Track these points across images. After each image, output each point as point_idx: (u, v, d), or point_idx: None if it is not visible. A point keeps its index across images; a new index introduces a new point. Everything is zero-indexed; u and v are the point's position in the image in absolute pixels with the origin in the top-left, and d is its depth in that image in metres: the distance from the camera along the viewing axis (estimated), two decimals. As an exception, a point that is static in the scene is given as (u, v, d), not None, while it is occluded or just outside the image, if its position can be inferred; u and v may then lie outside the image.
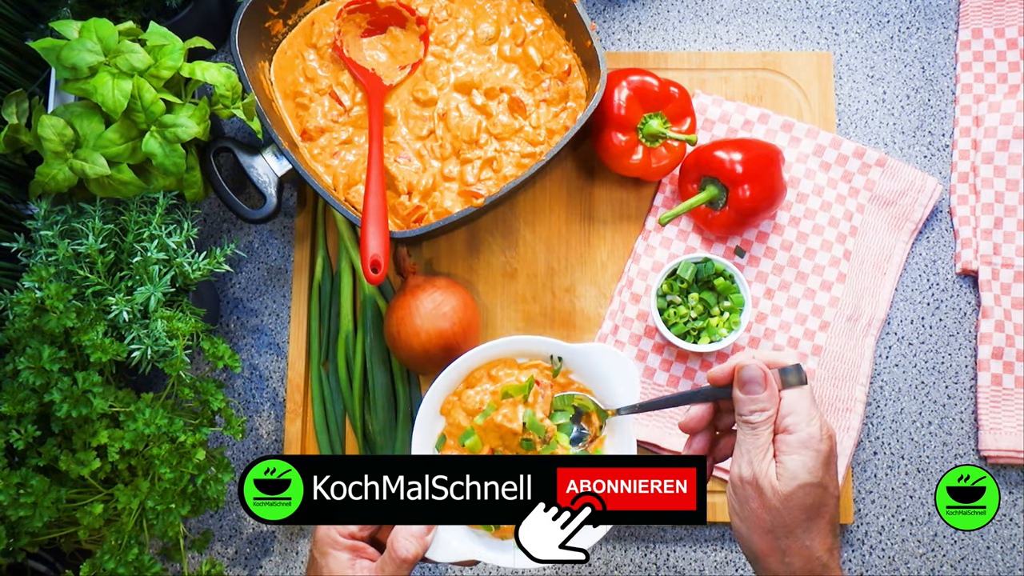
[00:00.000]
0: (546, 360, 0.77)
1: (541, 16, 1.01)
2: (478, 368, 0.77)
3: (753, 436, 0.64)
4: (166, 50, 0.85)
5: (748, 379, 0.65)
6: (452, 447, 0.75)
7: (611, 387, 0.76)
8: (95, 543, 0.87)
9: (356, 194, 0.96)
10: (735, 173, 0.93)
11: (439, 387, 0.76)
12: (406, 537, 0.69)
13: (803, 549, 0.63)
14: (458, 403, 0.76)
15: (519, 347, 0.77)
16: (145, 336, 0.85)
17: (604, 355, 0.77)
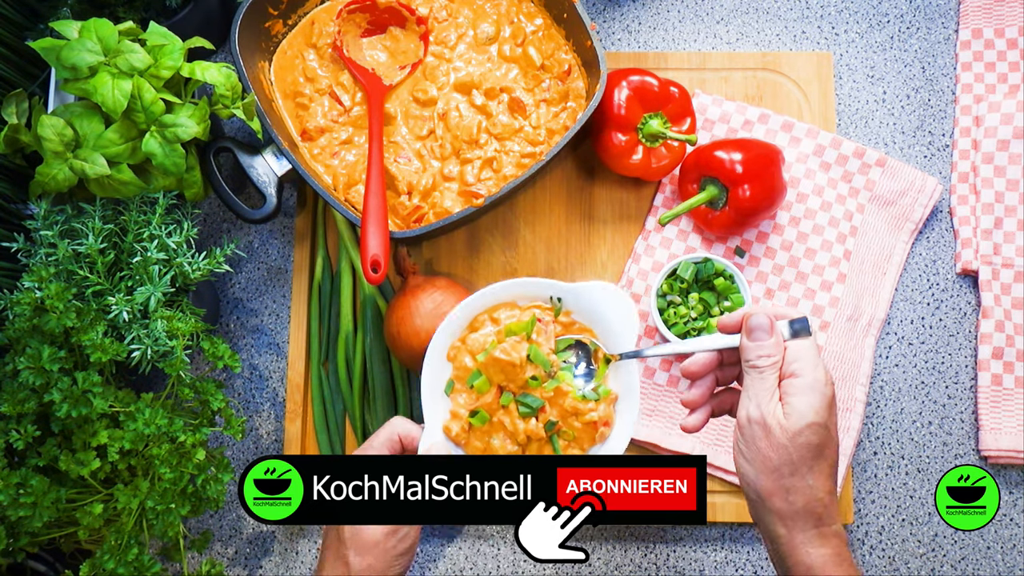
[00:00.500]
0: (547, 302, 0.78)
1: (541, 16, 1.01)
2: (480, 313, 0.78)
3: (760, 379, 0.67)
4: (166, 50, 0.85)
5: (755, 327, 0.68)
6: (460, 390, 0.76)
7: (611, 327, 0.77)
8: (95, 543, 0.87)
9: (356, 194, 0.96)
10: (735, 173, 0.93)
11: (443, 334, 0.77)
12: None
13: (807, 488, 0.65)
14: (463, 347, 0.77)
15: (519, 289, 0.78)
16: (145, 336, 0.85)
17: (604, 294, 0.78)
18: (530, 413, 0.74)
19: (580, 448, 0.76)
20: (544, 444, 0.75)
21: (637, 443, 0.98)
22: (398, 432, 0.73)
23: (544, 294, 0.78)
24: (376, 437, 0.73)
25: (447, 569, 0.98)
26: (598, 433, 0.75)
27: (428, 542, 0.99)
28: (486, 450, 0.75)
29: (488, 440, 0.75)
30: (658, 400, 0.98)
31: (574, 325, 0.78)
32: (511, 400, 0.74)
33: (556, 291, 0.78)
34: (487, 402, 0.75)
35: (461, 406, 0.76)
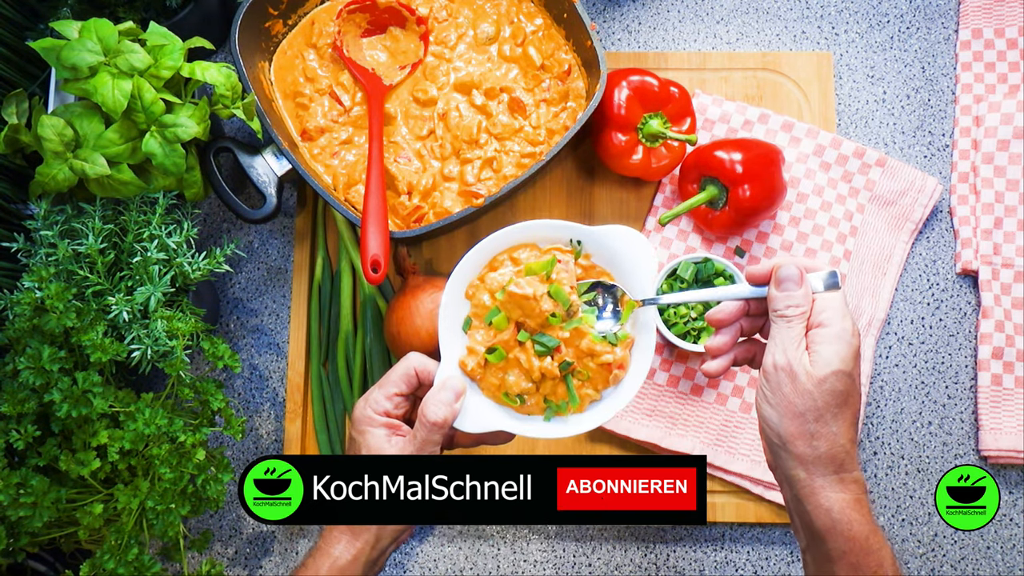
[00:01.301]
0: (566, 245, 0.78)
1: (541, 16, 1.01)
2: (500, 253, 0.78)
3: (787, 328, 0.68)
4: (166, 50, 0.85)
5: (785, 277, 0.69)
6: (478, 327, 0.77)
7: (631, 271, 0.77)
8: (95, 543, 0.87)
9: (356, 194, 0.96)
10: (735, 173, 0.93)
11: (461, 271, 0.77)
12: (435, 403, 0.72)
13: (830, 435, 0.67)
14: (481, 285, 0.77)
15: (538, 231, 0.78)
16: (145, 336, 0.85)
17: (623, 237, 0.78)
18: (545, 352, 0.75)
19: (594, 388, 0.76)
20: (558, 383, 0.76)
21: (637, 443, 0.98)
22: (414, 366, 0.75)
23: (564, 236, 0.78)
24: (393, 371, 0.75)
25: (447, 569, 0.98)
26: (612, 375, 0.76)
27: (428, 542, 0.99)
28: (501, 386, 0.76)
29: (503, 376, 0.76)
30: (658, 400, 0.98)
31: (594, 268, 0.79)
32: (528, 338, 0.75)
33: (576, 233, 0.78)
34: (504, 339, 0.75)
35: (479, 343, 0.77)
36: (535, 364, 0.75)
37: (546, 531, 0.99)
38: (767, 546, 0.98)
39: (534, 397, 0.76)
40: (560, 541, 0.99)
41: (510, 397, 0.76)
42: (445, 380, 0.74)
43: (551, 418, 0.77)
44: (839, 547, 0.66)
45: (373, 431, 0.73)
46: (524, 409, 0.77)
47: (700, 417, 0.98)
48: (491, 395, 0.77)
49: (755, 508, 0.97)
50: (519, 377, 0.76)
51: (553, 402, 0.76)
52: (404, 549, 0.99)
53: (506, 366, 0.76)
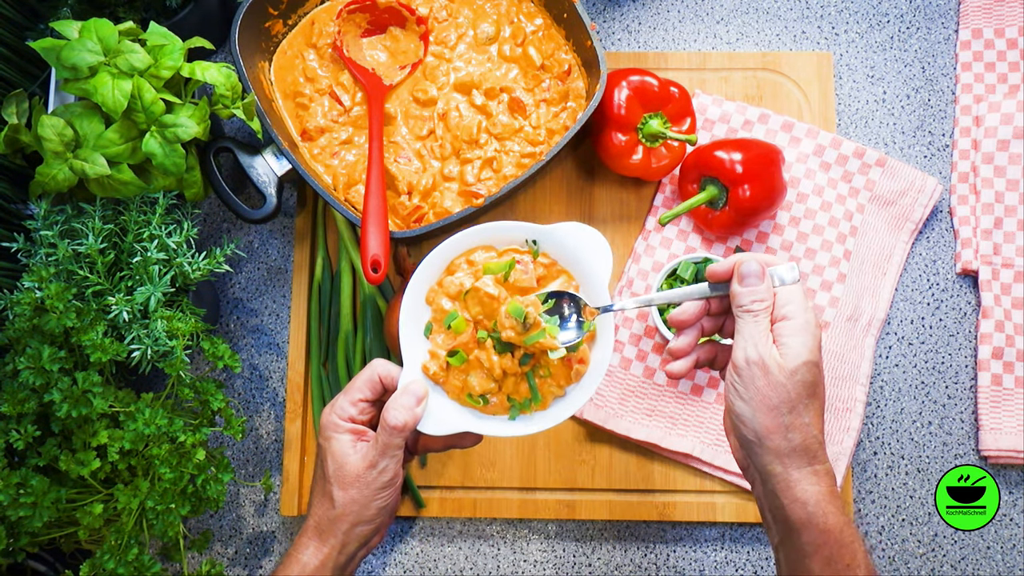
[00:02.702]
0: (523, 245, 0.78)
1: (541, 16, 1.01)
2: (457, 257, 0.78)
3: (754, 323, 0.69)
4: (166, 50, 0.85)
5: (747, 273, 0.70)
6: (438, 331, 0.77)
7: (589, 266, 0.77)
8: (95, 543, 0.87)
9: (356, 194, 0.96)
10: (735, 173, 0.93)
11: (420, 277, 0.77)
12: (396, 408, 0.72)
13: (804, 426, 0.68)
14: (439, 290, 0.77)
15: (494, 233, 0.78)
16: (145, 336, 0.85)
17: (578, 233, 0.78)
18: (504, 349, 0.75)
19: (557, 384, 0.77)
20: (520, 380, 0.76)
21: (637, 443, 0.98)
22: (379, 372, 0.75)
23: (519, 237, 0.78)
24: (358, 378, 0.75)
25: (447, 569, 0.98)
26: (573, 371, 0.76)
27: (428, 542, 0.99)
28: (464, 388, 0.76)
29: (465, 378, 0.76)
30: (658, 400, 0.98)
31: (554, 266, 0.78)
32: (487, 336, 0.75)
33: (531, 233, 0.78)
34: (463, 341, 0.75)
35: (439, 346, 0.76)
36: (495, 362, 0.75)
37: (546, 531, 0.99)
38: (767, 546, 0.98)
39: (497, 396, 0.76)
40: (560, 541, 0.99)
41: (474, 398, 0.76)
42: (407, 385, 0.74)
43: (516, 416, 0.77)
44: (814, 540, 0.67)
45: (338, 437, 0.73)
46: (488, 409, 0.77)
47: (700, 417, 0.98)
48: (455, 397, 0.77)
49: (755, 508, 0.97)
50: (481, 377, 0.76)
51: (517, 400, 0.76)
52: (404, 549, 0.99)
53: (468, 367, 0.76)
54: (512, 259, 0.77)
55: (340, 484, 0.72)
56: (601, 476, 0.98)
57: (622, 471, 0.98)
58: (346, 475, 0.72)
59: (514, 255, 0.77)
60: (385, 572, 0.98)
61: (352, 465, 0.72)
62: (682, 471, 0.98)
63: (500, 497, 0.98)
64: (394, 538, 0.99)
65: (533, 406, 0.76)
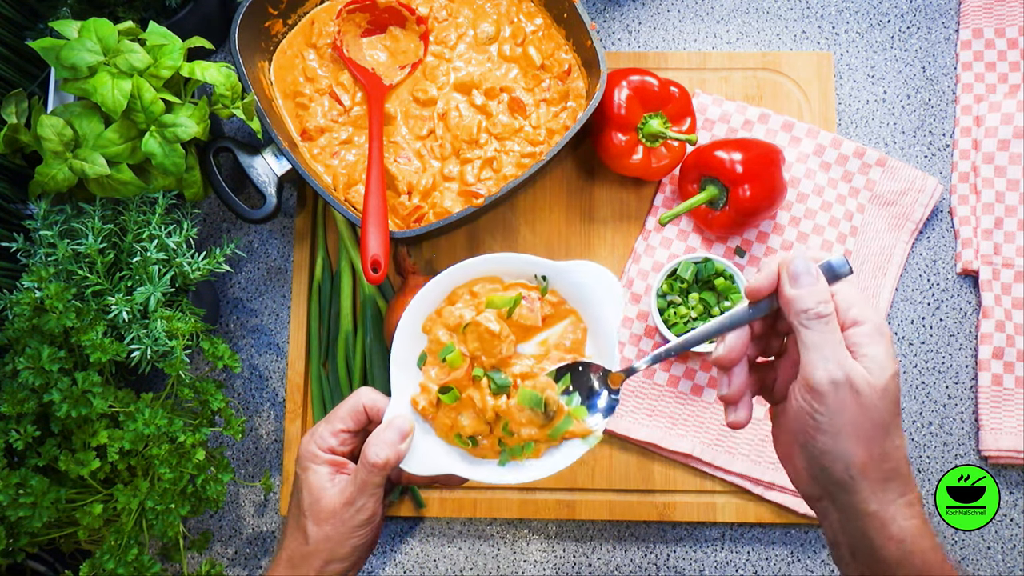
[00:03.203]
0: (531, 280, 0.74)
1: (541, 16, 1.01)
2: (460, 286, 0.74)
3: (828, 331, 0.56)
4: (166, 50, 0.85)
5: (799, 272, 0.58)
6: (433, 363, 0.72)
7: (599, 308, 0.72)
8: (95, 543, 0.87)
9: (356, 194, 0.96)
10: (735, 173, 0.93)
11: (418, 304, 0.73)
12: (378, 444, 0.68)
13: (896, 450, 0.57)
14: (438, 319, 0.73)
15: (502, 264, 0.74)
16: (145, 336, 0.85)
17: (590, 273, 0.73)
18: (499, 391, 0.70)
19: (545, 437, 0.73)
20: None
21: (637, 443, 0.98)
22: (363, 402, 0.70)
23: (528, 271, 0.74)
24: (342, 406, 0.71)
25: (447, 569, 0.98)
26: None
27: (428, 542, 0.99)
28: (453, 427, 0.71)
29: (456, 417, 0.71)
30: (658, 400, 0.98)
31: (563, 305, 0.74)
32: (483, 374, 0.71)
33: (541, 269, 0.73)
34: (458, 377, 0.71)
35: (432, 380, 0.72)
36: (489, 403, 0.70)
37: (546, 531, 0.99)
38: (767, 546, 0.98)
39: (488, 439, 0.72)
40: (560, 541, 0.98)
41: (463, 439, 0.72)
42: (392, 419, 0.70)
43: (506, 462, 0.72)
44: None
45: (316, 468, 0.69)
46: (477, 452, 0.72)
47: (700, 417, 0.98)
48: (443, 435, 0.72)
49: (755, 508, 0.97)
50: (473, 418, 0.71)
51: (507, 445, 0.72)
52: (404, 549, 0.99)
53: (459, 406, 0.71)
54: (518, 294, 0.72)
55: (315, 519, 0.68)
56: (601, 476, 0.98)
57: (622, 471, 0.98)
58: (321, 510, 0.68)
59: (521, 290, 0.73)
60: (385, 572, 0.98)
61: (328, 500, 0.68)
62: (682, 471, 0.98)
63: (500, 497, 0.98)
64: (394, 538, 0.99)
65: (525, 453, 0.72)
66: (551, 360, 0.73)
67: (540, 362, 0.73)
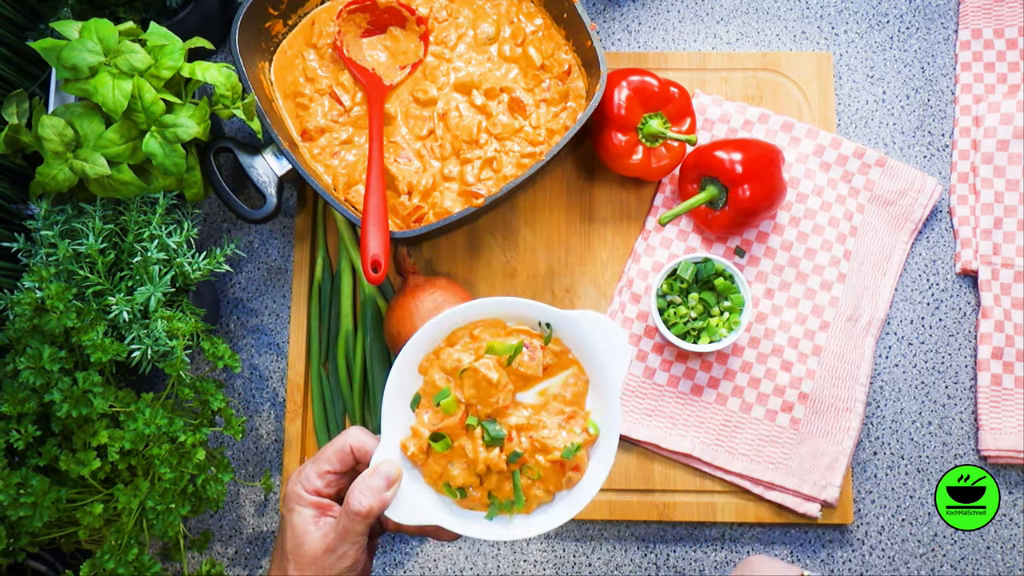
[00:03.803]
0: (534, 327, 0.72)
1: (541, 16, 1.01)
2: (460, 328, 0.72)
3: None
4: (166, 50, 0.85)
5: None
6: (426, 407, 0.70)
7: (603, 361, 0.71)
8: (95, 543, 0.87)
9: (356, 194, 0.96)
10: (735, 173, 0.93)
11: (417, 342, 0.71)
12: (363, 490, 0.66)
13: None
14: (436, 361, 0.71)
15: (506, 308, 0.72)
16: (145, 336, 0.85)
17: (596, 324, 0.71)
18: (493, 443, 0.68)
19: (545, 490, 0.70)
20: (505, 479, 0.69)
21: (637, 443, 0.98)
22: (350, 443, 0.68)
23: (533, 318, 0.72)
24: (329, 446, 0.69)
25: (447, 569, 0.98)
26: (566, 478, 0.69)
27: (428, 542, 0.99)
28: (442, 476, 0.69)
29: (446, 466, 0.69)
30: (658, 400, 0.98)
31: (566, 355, 0.72)
32: (477, 423, 0.69)
33: (546, 316, 0.71)
34: (451, 424, 0.69)
35: (424, 424, 0.70)
36: (481, 455, 0.68)
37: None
38: (767, 546, 0.98)
39: (479, 491, 0.70)
40: (560, 541, 0.99)
41: (451, 489, 0.70)
42: (379, 464, 0.67)
43: (494, 516, 0.70)
44: None
45: (300, 510, 0.67)
46: (466, 503, 0.70)
47: (700, 417, 0.98)
48: (432, 483, 0.70)
49: (755, 508, 0.97)
50: (463, 468, 0.69)
51: (498, 499, 0.70)
52: (404, 549, 0.99)
53: (450, 455, 0.69)
54: (520, 341, 0.70)
55: (296, 563, 0.66)
56: (601, 476, 0.98)
57: (622, 471, 0.98)
58: (303, 555, 0.66)
59: (523, 337, 0.71)
60: (385, 572, 0.98)
61: (310, 545, 0.66)
62: (682, 471, 0.98)
63: (500, 497, 0.97)
64: (394, 538, 0.99)
65: (515, 509, 0.70)
66: (549, 412, 0.72)
67: (538, 413, 0.71)
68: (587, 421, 0.72)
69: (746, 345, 0.98)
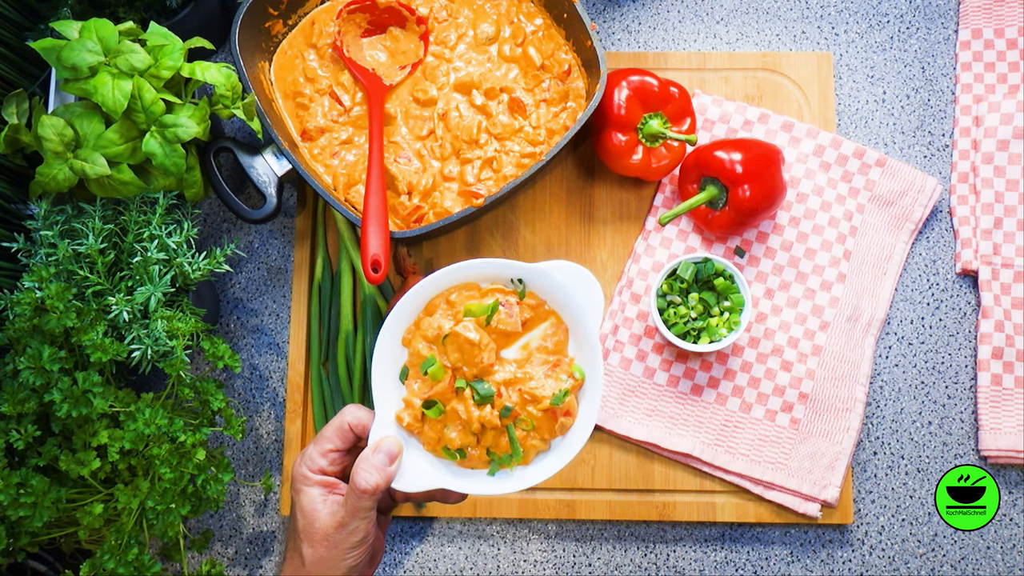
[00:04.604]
0: (508, 285, 0.73)
1: (541, 16, 1.01)
2: (436, 297, 0.73)
3: None
4: (166, 50, 0.85)
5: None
6: (415, 377, 0.72)
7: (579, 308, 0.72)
8: (95, 543, 0.87)
9: (356, 194, 0.96)
10: (735, 173, 0.93)
11: (396, 317, 0.72)
12: (367, 468, 0.68)
13: None
14: (417, 332, 0.72)
15: (477, 270, 0.73)
16: (145, 336, 0.85)
17: (567, 273, 0.73)
18: (483, 401, 0.70)
19: (540, 438, 0.71)
20: (500, 434, 0.70)
21: (637, 443, 0.98)
22: (348, 421, 0.70)
23: (504, 276, 0.73)
24: (328, 426, 0.71)
25: (447, 569, 0.98)
26: (558, 424, 0.71)
27: (428, 542, 0.99)
28: (440, 440, 0.71)
29: (442, 430, 0.71)
30: (658, 400, 0.98)
31: (542, 307, 0.73)
32: (466, 385, 0.70)
33: (516, 272, 0.72)
34: (441, 389, 0.70)
35: (415, 394, 0.71)
36: (474, 414, 0.70)
37: (546, 531, 0.99)
38: (767, 546, 0.98)
39: (476, 449, 0.72)
40: (560, 541, 0.99)
41: (450, 452, 0.71)
42: (379, 441, 0.69)
43: (496, 472, 0.72)
44: None
45: (307, 490, 0.69)
46: (466, 463, 0.72)
47: (700, 417, 0.98)
48: (431, 449, 0.72)
49: (755, 508, 0.97)
50: (459, 430, 0.71)
51: (497, 455, 0.71)
52: (404, 549, 0.99)
53: (444, 419, 0.71)
54: (495, 300, 0.72)
55: (309, 541, 0.69)
56: (601, 476, 0.98)
57: (622, 471, 0.98)
58: (315, 532, 0.68)
59: (498, 295, 0.73)
60: (385, 572, 0.98)
61: (321, 522, 0.68)
62: (682, 471, 0.98)
63: (500, 497, 0.98)
64: (394, 538, 0.99)
65: (514, 461, 0.71)
66: (533, 364, 0.73)
67: (522, 367, 0.73)
68: (571, 367, 0.73)
69: (746, 345, 0.98)
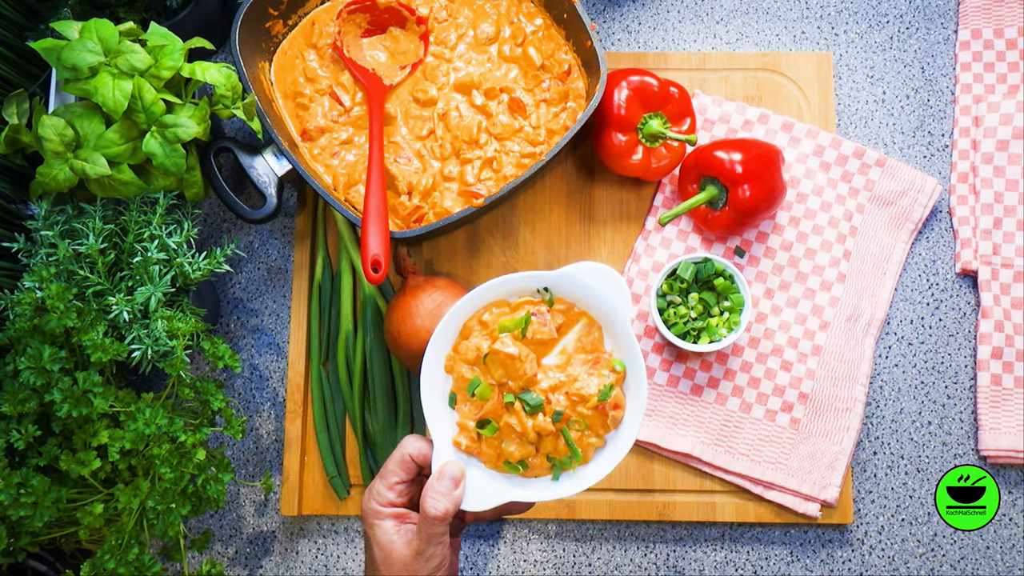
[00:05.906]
0: (535, 295, 0.75)
1: (541, 16, 1.01)
2: (469, 319, 0.75)
3: None
4: (166, 50, 0.85)
5: None
6: (463, 400, 0.74)
7: (608, 304, 0.74)
8: (95, 543, 0.87)
9: (356, 194, 0.96)
10: (735, 173, 0.93)
11: (435, 345, 0.74)
12: (434, 495, 0.70)
13: None
14: (457, 357, 0.75)
15: (503, 287, 0.75)
16: (145, 336, 0.85)
17: (589, 272, 0.75)
18: (533, 411, 0.72)
19: (595, 435, 0.73)
20: (556, 439, 0.73)
21: (637, 443, 0.98)
22: (409, 453, 0.72)
23: (530, 287, 0.75)
24: (391, 460, 0.73)
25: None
26: (609, 418, 0.73)
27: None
28: (500, 456, 0.73)
29: (500, 446, 0.73)
30: (658, 400, 0.98)
31: (572, 310, 0.75)
32: (515, 398, 0.72)
33: (541, 281, 0.75)
34: (492, 407, 0.72)
35: (467, 416, 0.74)
36: (528, 425, 0.72)
37: (546, 531, 0.99)
38: (767, 546, 0.98)
39: (537, 458, 0.74)
40: (560, 541, 0.99)
41: (512, 464, 0.73)
42: (442, 468, 0.71)
43: (559, 476, 0.74)
44: None
45: (381, 524, 0.71)
46: (529, 473, 0.74)
47: (700, 417, 0.98)
48: (492, 467, 0.74)
49: (755, 508, 0.97)
50: (517, 443, 0.72)
51: (557, 459, 0.73)
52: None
53: (500, 435, 0.73)
54: (527, 312, 0.74)
55: (389, 572, 0.71)
56: (601, 476, 0.98)
57: (622, 471, 0.98)
58: (394, 563, 0.70)
59: (528, 307, 0.74)
60: (385, 572, 0.98)
61: (398, 553, 0.70)
62: (682, 471, 0.98)
63: (500, 497, 0.98)
64: (394, 538, 0.99)
65: (575, 462, 0.73)
66: (574, 366, 0.75)
67: (565, 370, 0.75)
68: (611, 361, 0.75)
69: (746, 345, 0.98)
